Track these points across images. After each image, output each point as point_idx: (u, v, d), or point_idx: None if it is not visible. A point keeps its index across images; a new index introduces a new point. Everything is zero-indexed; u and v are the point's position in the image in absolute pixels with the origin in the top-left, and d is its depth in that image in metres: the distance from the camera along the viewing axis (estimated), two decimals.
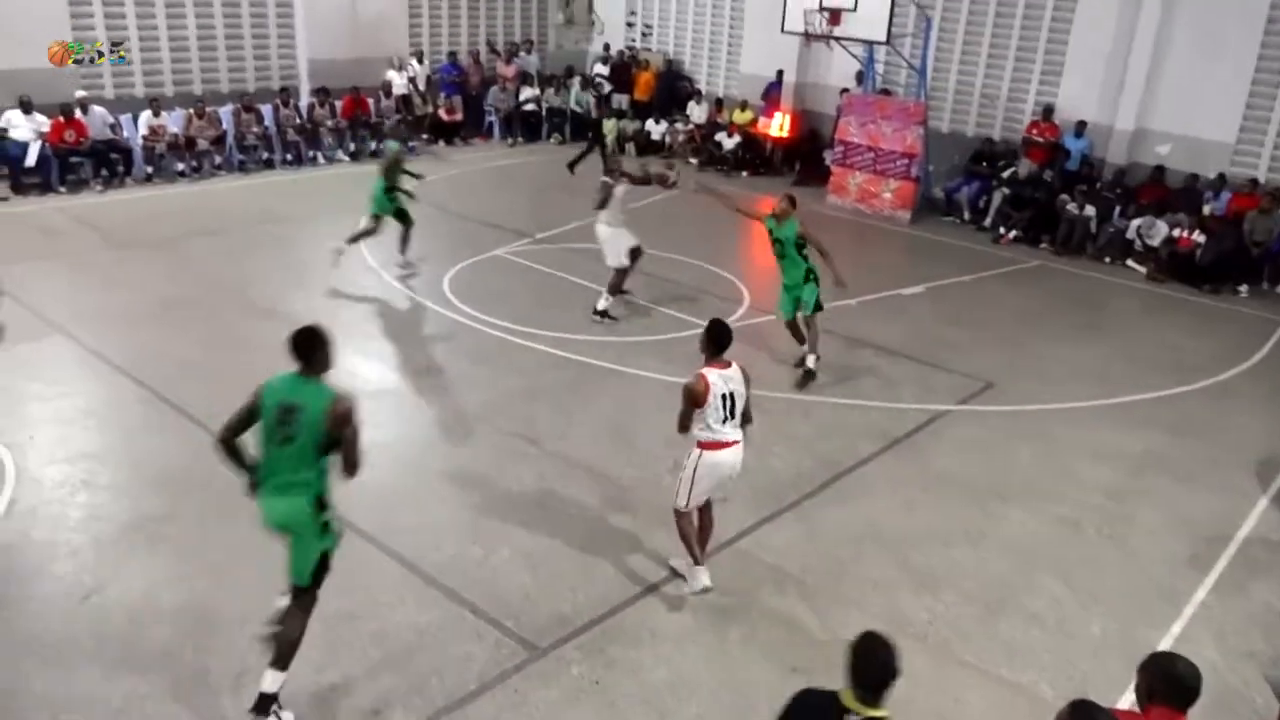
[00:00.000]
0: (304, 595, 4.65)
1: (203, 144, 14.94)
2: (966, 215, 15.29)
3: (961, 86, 16.41)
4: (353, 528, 6.22)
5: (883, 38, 14.26)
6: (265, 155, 15.71)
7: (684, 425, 5.57)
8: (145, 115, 14.50)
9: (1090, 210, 13.76)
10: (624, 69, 20.13)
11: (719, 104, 18.67)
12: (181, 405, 7.68)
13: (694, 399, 5.44)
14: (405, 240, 11.16)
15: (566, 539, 6.26)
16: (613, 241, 10.06)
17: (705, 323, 5.66)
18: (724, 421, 5.51)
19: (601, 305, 10.07)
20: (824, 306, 8.92)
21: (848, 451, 7.69)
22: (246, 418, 4.50)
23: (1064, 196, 14.13)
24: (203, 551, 5.94)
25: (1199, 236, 12.80)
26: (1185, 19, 14.02)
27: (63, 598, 5.47)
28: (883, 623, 4.90)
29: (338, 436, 4.42)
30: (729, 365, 5.55)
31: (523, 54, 19.97)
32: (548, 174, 16.02)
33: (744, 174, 17.37)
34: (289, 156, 15.94)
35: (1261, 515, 7.17)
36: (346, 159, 16.63)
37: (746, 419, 5.64)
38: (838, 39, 14.85)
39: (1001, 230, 14.40)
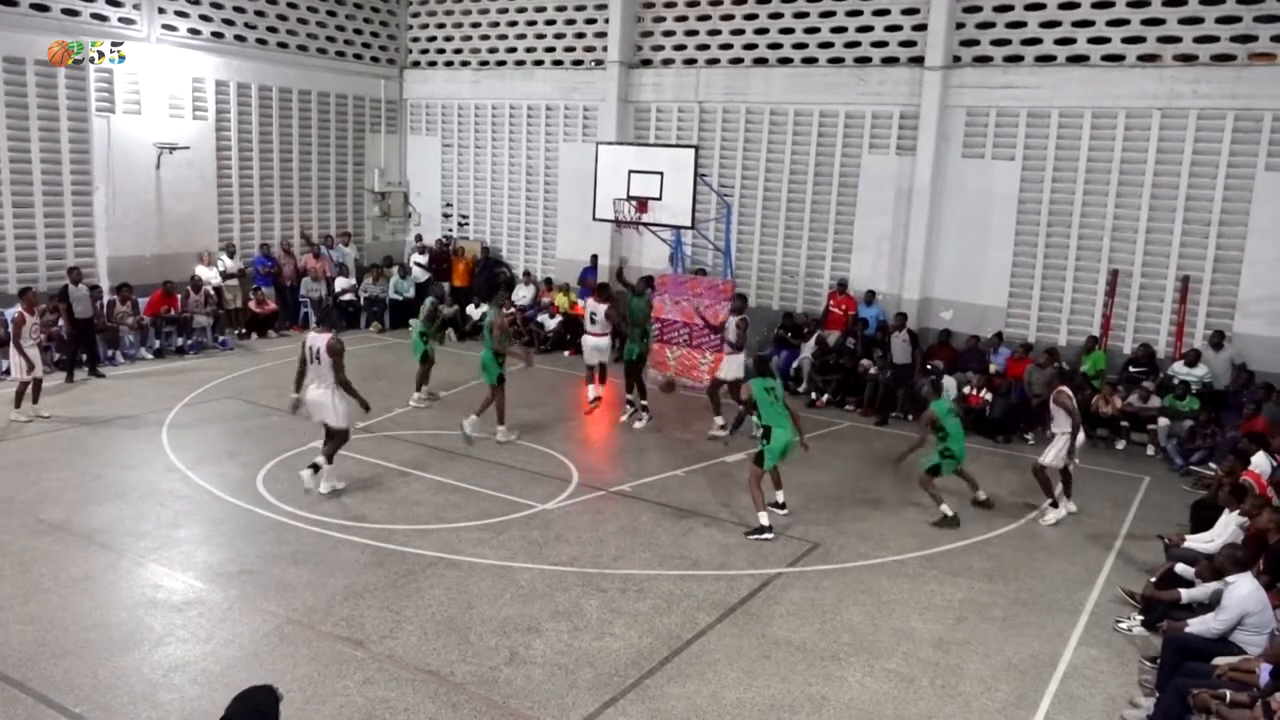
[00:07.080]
0: None
1: None
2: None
3: (764, 265, 17.63)
4: None
5: (688, 223, 15.20)
6: (57, 357, 14.75)
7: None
8: None
9: (889, 373, 14.77)
10: (442, 257, 20.53)
11: (549, 283, 19.27)
12: None
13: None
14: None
15: None
16: None
17: (536, 505, 5.67)
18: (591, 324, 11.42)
19: None
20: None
21: (686, 624, 7.63)
22: None
23: (865, 361, 15.14)
24: None
25: (987, 394, 13.92)
26: (951, 205, 15.82)
27: None
28: None
29: None
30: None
31: (340, 246, 20.02)
32: (367, 362, 15.80)
33: (565, 354, 17.74)
34: (84, 357, 15.03)
35: (1074, 652, 7.54)
36: (150, 356, 15.94)
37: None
38: (646, 225, 15.70)
39: (814, 396, 15.21)
